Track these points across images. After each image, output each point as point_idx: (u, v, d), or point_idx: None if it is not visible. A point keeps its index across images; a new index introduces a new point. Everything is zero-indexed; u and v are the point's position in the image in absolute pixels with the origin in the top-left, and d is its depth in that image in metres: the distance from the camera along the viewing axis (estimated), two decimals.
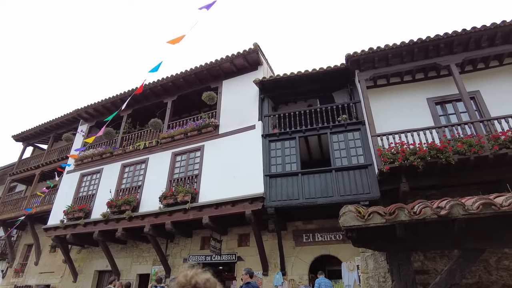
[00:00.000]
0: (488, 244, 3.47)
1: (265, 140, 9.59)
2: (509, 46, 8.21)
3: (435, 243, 3.78)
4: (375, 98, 9.10)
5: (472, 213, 3.06)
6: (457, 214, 3.11)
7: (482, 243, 3.47)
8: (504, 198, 3.00)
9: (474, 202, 3.06)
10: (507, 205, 2.96)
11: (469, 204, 3.11)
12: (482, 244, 3.47)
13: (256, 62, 11.21)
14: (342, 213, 3.39)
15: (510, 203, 2.94)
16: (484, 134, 7.29)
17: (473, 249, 3.50)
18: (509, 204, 2.94)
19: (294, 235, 9.50)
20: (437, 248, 4.77)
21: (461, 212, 3.10)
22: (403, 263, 3.47)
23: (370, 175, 8.14)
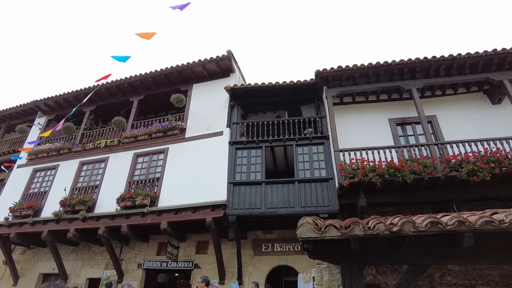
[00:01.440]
0: (433, 260, 3.66)
1: (232, 147, 9.56)
2: (463, 77, 8.85)
3: (387, 257, 3.93)
4: (341, 114, 9.42)
5: (421, 230, 3.22)
6: (407, 231, 3.26)
7: (428, 259, 3.66)
8: (449, 218, 3.20)
9: (423, 220, 3.22)
10: (451, 224, 3.15)
11: (419, 222, 3.27)
12: (428, 260, 3.66)
13: (228, 69, 11.23)
14: (300, 224, 3.44)
15: (454, 223, 3.13)
16: (438, 157, 7.76)
17: (420, 265, 3.67)
18: (453, 223, 3.13)
19: (254, 244, 9.49)
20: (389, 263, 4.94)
21: (411, 229, 3.25)
22: (355, 276, 3.57)
23: (330, 188, 8.36)
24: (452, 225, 3.21)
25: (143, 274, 10.11)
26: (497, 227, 3.15)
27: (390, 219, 3.43)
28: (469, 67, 8.77)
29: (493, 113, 8.95)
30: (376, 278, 6.47)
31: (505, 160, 7.14)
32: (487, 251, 3.64)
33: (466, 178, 7.21)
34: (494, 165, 7.14)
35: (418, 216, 3.45)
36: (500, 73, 8.64)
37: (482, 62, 8.63)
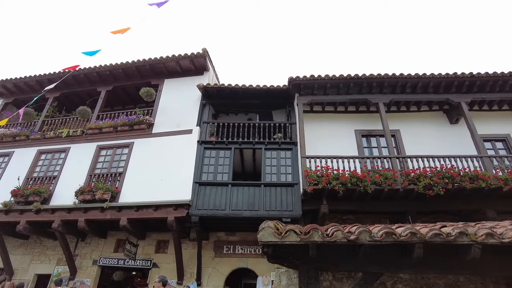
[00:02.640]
0: (386, 268, 3.82)
1: (200, 146, 9.46)
2: (426, 96, 9.36)
3: (343, 264, 4.04)
4: (310, 122, 9.62)
5: (376, 240, 3.34)
6: (363, 240, 3.37)
7: (382, 268, 3.81)
8: (403, 229, 3.35)
9: (379, 230, 3.35)
10: (404, 235, 3.31)
11: (375, 231, 3.40)
12: (382, 268, 3.81)
13: (202, 67, 11.12)
14: (261, 228, 3.46)
15: (407, 234, 3.29)
16: (399, 170, 8.12)
17: (373, 273, 3.81)
18: (406, 234, 3.29)
19: (215, 245, 9.43)
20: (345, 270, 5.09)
21: (367, 238, 3.37)
22: (312, 282, 3.64)
23: (295, 193, 8.50)
24: (405, 236, 3.36)
25: (98, 271, 9.72)
26: (444, 240, 3.34)
27: (348, 227, 3.54)
28: (433, 87, 9.28)
29: (451, 132, 9.53)
30: (332, 284, 6.64)
31: (457, 176, 7.61)
32: (434, 261, 3.85)
33: (423, 192, 7.60)
34: (448, 180, 7.58)
35: (374, 226, 3.59)
36: (459, 95, 9.22)
37: (443, 84, 9.17)
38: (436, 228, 3.47)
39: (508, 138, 9.35)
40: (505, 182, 7.54)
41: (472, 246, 3.36)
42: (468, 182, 7.56)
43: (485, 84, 9.21)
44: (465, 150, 8.74)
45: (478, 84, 9.20)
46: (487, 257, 3.67)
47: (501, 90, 9.30)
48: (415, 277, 6.46)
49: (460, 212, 8.35)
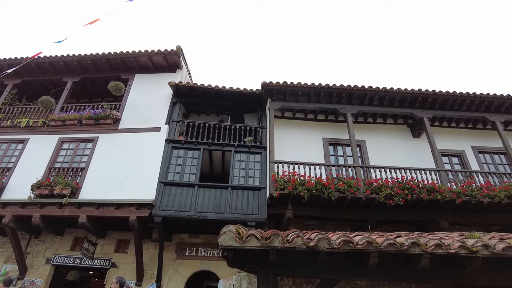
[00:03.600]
0: (342, 276, 3.93)
1: (168, 145, 9.28)
2: (392, 109, 9.77)
3: (302, 270, 4.10)
4: (280, 127, 9.75)
5: (334, 247, 3.43)
6: (322, 247, 3.44)
7: (339, 275, 3.92)
8: (360, 238, 3.46)
9: (337, 238, 3.44)
10: (361, 244, 3.42)
11: (333, 239, 3.48)
12: (338, 275, 3.91)
13: (175, 65, 10.95)
14: (222, 232, 3.44)
15: (364, 243, 3.40)
16: (362, 179, 8.39)
17: (331, 279, 3.90)
18: (362, 243, 3.40)
19: (178, 247, 9.26)
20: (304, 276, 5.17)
21: (325, 245, 3.44)
22: (270, 287, 3.66)
23: (261, 197, 8.54)
24: (362, 244, 3.47)
25: (51, 271, 9.22)
26: (398, 249, 3.48)
27: (308, 234, 3.60)
28: (398, 101, 9.70)
29: (412, 145, 10.00)
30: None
31: (416, 188, 7.97)
32: (389, 269, 4.00)
33: (384, 201, 7.89)
34: (407, 191, 7.93)
35: (333, 234, 3.67)
36: (422, 110, 9.70)
37: (409, 99, 9.61)
38: (391, 238, 3.61)
39: (463, 154, 9.95)
40: (458, 195, 7.99)
41: (423, 256, 3.53)
42: (426, 194, 7.94)
43: (446, 102, 9.75)
44: (424, 163, 9.19)
45: (440, 102, 9.73)
46: (437, 266, 3.87)
47: (459, 109, 9.88)
48: (371, 284, 6.73)
49: (417, 221, 8.75)
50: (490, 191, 8.13)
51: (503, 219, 8.55)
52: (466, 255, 3.54)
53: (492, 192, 8.10)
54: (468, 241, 3.61)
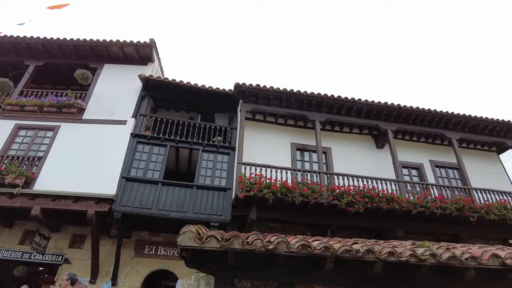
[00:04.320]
0: (299, 279, 3.98)
1: (133, 140, 9.01)
2: (359, 120, 10.11)
3: (261, 273, 4.12)
4: (251, 129, 9.77)
5: (293, 251, 3.47)
6: (281, 250, 3.48)
7: (295, 278, 3.97)
8: (318, 243, 3.54)
9: (296, 242, 3.49)
10: (319, 249, 3.49)
11: (292, 243, 3.53)
12: (295, 279, 3.97)
13: (147, 57, 10.67)
14: (182, 232, 3.38)
15: (321, 248, 3.47)
16: (325, 185, 8.59)
17: (287, 283, 3.95)
18: (320, 248, 3.47)
19: (137, 245, 9.00)
20: (262, 279, 5.19)
21: (284, 249, 3.48)
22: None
23: (227, 198, 8.51)
24: (319, 249, 3.54)
25: None
26: (354, 256, 3.59)
27: (269, 237, 3.63)
28: (365, 112, 10.04)
29: (376, 155, 10.39)
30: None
31: (376, 197, 8.29)
32: (344, 275, 4.12)
33: (345, 208, 8.12)
34: (368, 200, 8.22)
35: (292, 238, 3.73)
36: (386, 123, 10.12)
37: (375, 111, 9.99)
38: (348, 244, 3.72)
39: (422, 167, 10.48)
40: (414, 206, 8.40)
41: (376, 263, 3.67)
42: (385, 203, 8.27)
43: (409, 116, 10.24)
44: (386, 173, 9.56)
45: (404, 116, 10.19)
46: (389, 272, 4.04)
47: (421, 124, 10.41)
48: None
49: (376, 229, 9.09)
50: (443, 203, 8.62)
51: (452, 230, 9.10)
52: (415, 263, 3.72)
53: (444, 204, 8.60)
54: (418, 250, 3.79)
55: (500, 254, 3.82)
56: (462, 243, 6.86)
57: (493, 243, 8.74)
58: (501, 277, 4.04)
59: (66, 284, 5.33)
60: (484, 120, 10.59)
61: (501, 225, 9.19)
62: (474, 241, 9.07)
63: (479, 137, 10.87)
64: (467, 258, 3.75)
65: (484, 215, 8.70)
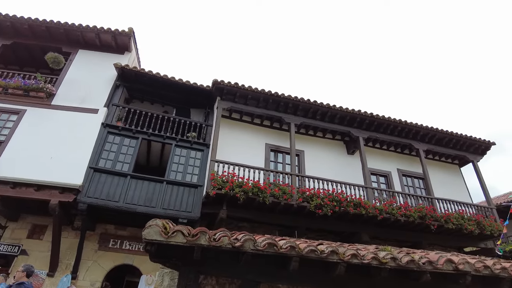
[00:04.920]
0: (264, 278, 4.02)
1: (104, 130, 8.73)
2: (332, 125, 10.32)
3: (226, 270, 4.12)
4: (226, 127, 9.74)
5: (259, 249, 3.50)
6: (247, 248, 3.49)
7: (260, 277, 4.00)
8: (285, 242, 3.58)
9: (263, 240, 3.52)
10: (285, 248, 3.53)
11: (259, 241, 3.55)
12: (260, 277, 4.00)
13: (125, 46, 10.38)
14: (148, 225, 3.32)
15: (287, 247, 3.52)
16: (296, 187, 8.69)
17: (252, 281, 3.97)
18: (286, 247, 3.52)
19: (101, 238, 8.73)
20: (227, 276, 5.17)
21: (251, 247, 3.50)
22: (190, 284, 3.62)
23: (197, 195, 8.43)
24: (285, 249, 3.59)
25: None
26: (318, 256, 3.66)
27: (236, 234, 3.63)
28: (339, 119, 10.27)
29: (346, 161, 10.65)
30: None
31: (344, 201, 8.49)
32: (309, 275, 4.19)
33: (314, 210, 8.26)
34: (336, 203, 8.40)
35: (260, 236, 3.75)
36: (359, 130, 10.39)
37: (348, 118, 10.24)
38: (313, 245, 3.79)
39: (390, 175, 10.85)
40: (380, 212, 8.68)
41: (339, 264, 3.76)
42: (352, 208, 8.49)
43: (381, 125, 10.57)
44: (355, 179, 9.81)
45: (376, 124, 10.51)
46: (352, 274, 4.15)
47: (391, 133, 10.77)
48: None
49: (342, 233, 9.30)
50: (407, 211, 8.97)
51: (414, 237, 9.50)
52: (377, 266, 3.85)
53: (409, 212, 8.95)
54: (380, 253, 3.93)
55: (454, 259, 4.02)
56: (422, 249, 7.15)
57: (450, 250, 9.21)
58: (454, 281, 4.26)
59: (21, 276, 5.10)
60: (449, 134, 11.13)
61: (458, 234, 9.70)
62: (434, 248, 9.50)
63: (444, 150, 11.41)
64: (424, 262, 3.92)
65: (444, 223, 9.14)
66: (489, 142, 11.64)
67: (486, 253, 10.32)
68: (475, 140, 11.44)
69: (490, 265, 4.09)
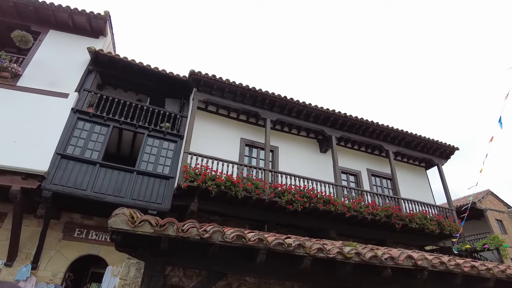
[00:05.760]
0: (231, 270, 4.05)
1: (74, 115, 8.40)
2: (307, 123, 10.49)
3: (193, 262, 4.11)
4: (201, 120, 9.65)
5: (227, 241, 3.52)
6: (216, 239, 3.50)
7: (227, 269, 4.02)
8: (253, 235, 3.62)
9: (231, 232, 3.54)
10: (253, 240, 3.57)
11: (228, 233, 3.57)
12: (227, 269, 4.02)
13: (100, 30, 10.00)
14: (114, 214, 3.25)
15: (255, 239, 3.57)
16: (269, 182, 8.77)
17: (219, 272, 3.99)
18: (254, 240, 3.56)
19: (66, 227, 8.43)
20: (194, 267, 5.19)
21: (219, 238, 3.51)
22: (156, 275, 3.58)
23: (168, 187, 8.31)
24: (253, 241, 3.62)
25: None
26: (285, 249, 3.73)
27: (205, 226, 3.62)
28: (314, 117, 10.44)
29: (319, 159, 10.86)
30: (181, 281, 6.66)
31: (315, 198, 8.67)
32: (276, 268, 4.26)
33: (285, 206, 8.38)
34: (306, 200, 8.56)
35: (228, 228, 3.77)
36: (332, 129, 10.62)
37: (323, 117, 10.43)
38: (281, 238, 3.85)
39: (359, 174, 11.18)
40: (348, 209, 8.93)
41: (305, 258, 3.85)
42: (322, 204, 8.68)
43: (354, 125, 10.84)
44: (326, 177, 10.03)
45: (349, 124, 10.77)
46: (318, 268, 4.26)
47: (363, 134, 11.09)
48: (258, 282, 7.03)
49: (311, 228, 9.50)
50: (374, 209, 9.28)
51: (380, 235, 9.85)
52: (341, 260, 3.97)
53: (376, 210, 9.27)
54: (345, 248, 4.05)
55: (413, 256, 4.22)
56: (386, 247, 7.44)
57: (413, 248, 9.63)
58: (412, 276, 4.47)
59: None
60: (418, 138, 11.61)
61: (421, 233, 10.16)
62: (397, 246, 9.90)
63: (412, 152, 11.89)
64: (386, 258, 4.09)
65: (408, 223, 9.55)
66: (453, 147, 12.24)
67: (444, 251, 10.90)
68: (441, 144, 11.99)
69: (445, 262, 4.33)
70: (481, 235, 19.12)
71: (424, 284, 4.62)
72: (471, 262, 4.62)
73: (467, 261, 4.72)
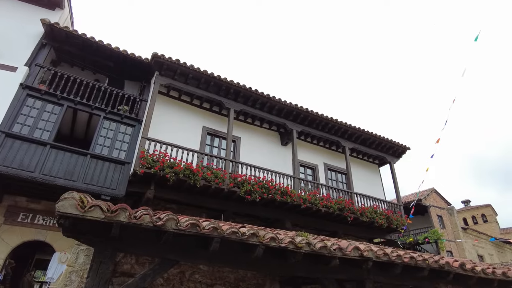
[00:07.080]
0: (183, 258, 4.05)
1: (23, 91, 7.80)
2: (270, 116, 10.62)
3: (146, 249, 4.06)
4: (162, 104, 9.41)
5: (181, 229, 3.51)
6: (169, 227, 3.48)
7: (180, 256, 4.02)
8: (208, 223, 3.65)
9: (186, 220, 3.54)
10: (207, 229, 3.60)
11: (182, 221, 3.56)
12: (180, 257, 4.02)
13: (56, 2, 9.33)
14: (63, 198, 3.11)
15: (210, 228, 3.60)
16: (229, 172, 8.79)
17: (171, 260, 3.98)
18: (208, 228, 3.59)
19: (9, 210, 7.87)
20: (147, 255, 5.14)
21: (173, 226, 3.49)
22: (105, 262, 3.49)
23: (124, 173, 8.05)
24: (208, 229, 3.65)
25: None
26: (239, 238, 3.80)
27: (159, 214, 3.58)
28: (277, 110, 10.57)
29: (279, 151, 11.08)
30: (133, 268, 6.59)
31: (273, 189, 8.84)
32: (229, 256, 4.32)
33: (243, 196, 8.47)
34: (265, 190, 8.71)
35: (183, 216, 3.76)
36: (294, 123, 10.84)
37: (285, 110, 10.60)
38: (236, 227, 3.91)
39: (317, 168, 11.57)
40: (304, 201, 9.22)
41: (258, 246, 3.95)
42: (279, 195, 8.88)
43: (314, 121, 11.15)
44: (285, 169, 10.24)
45: (309, 119, 11.05)
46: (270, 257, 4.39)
47: (322, 129, 11.45)
48: (212, 270, 7.14)
49: (268, 219, 9.69)
50: (328, 202, 9.67)
51: (332, 227, 10.31)
52: (293, 250, 4.13)
53: (329, 203, 9.65)
54: (297, 238, 4.21)
55: (360, 247, 4.49)
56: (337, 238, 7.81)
57: (362, 241, 10.18)
58: (358, 266, 4.76)
59: None
60: (373, 136, 12.20)
61: (371, 227, 10.77)
62: (348, 238, 10.43)
63: (367, 150, 12.48)
64: (335, 248, 4.31)
65: (359, 216, 10.06)
66: (405, 146, 13.03)
67: (390, 244, 11.67)
68: (394, 143, 12.71)
69: (388, 253, 4.65)
70: (424, 229, 20.70)
71: (368, 273, 4.95)
72: (411, 254, 5.01)
73: (407, 253, 5.11)
